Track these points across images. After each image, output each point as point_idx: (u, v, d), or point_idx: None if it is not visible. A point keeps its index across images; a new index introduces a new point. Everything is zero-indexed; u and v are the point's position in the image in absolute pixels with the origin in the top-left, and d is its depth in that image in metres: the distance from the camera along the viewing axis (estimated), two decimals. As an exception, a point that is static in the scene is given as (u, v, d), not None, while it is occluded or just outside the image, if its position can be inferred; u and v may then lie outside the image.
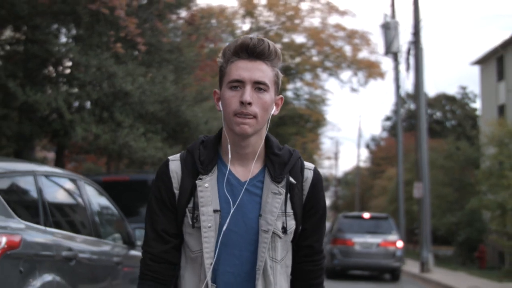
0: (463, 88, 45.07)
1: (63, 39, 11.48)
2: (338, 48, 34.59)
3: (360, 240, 14.31)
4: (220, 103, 1.80)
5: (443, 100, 44.75)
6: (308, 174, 1.85)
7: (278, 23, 34.33)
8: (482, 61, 32.02)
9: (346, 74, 53.33)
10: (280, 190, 1.77)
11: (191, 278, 1.78)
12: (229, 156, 1.78)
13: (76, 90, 10.31)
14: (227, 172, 1.79)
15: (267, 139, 1.83)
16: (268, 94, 1.74)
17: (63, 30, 11.45)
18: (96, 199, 4.59)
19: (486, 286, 12.84)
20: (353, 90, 36.12)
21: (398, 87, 20.00)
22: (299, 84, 36.99)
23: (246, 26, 33.71)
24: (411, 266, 18.38)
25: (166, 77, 10.73)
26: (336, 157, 54.23)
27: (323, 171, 56.13)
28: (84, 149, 11.01)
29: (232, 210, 1.75)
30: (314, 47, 35.05)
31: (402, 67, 22.75)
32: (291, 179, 1.80)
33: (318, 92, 36.60)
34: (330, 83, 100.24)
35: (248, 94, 1.71)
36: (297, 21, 34.24)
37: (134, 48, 10.55)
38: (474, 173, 18.80)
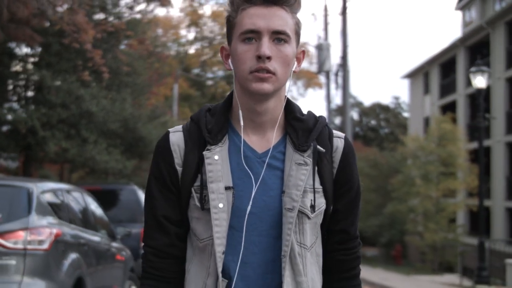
0: (396, 98, 48.54)
1: (29, 61, 13.36)
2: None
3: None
4: (229, 60, 1.53)
5: (377, 109, 48.03)
6: (338, 143, 1.56)
7: (222, 32, 36.38)
8: (411, 75, 35.24)
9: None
10: (306, 160, 1.49)
11: (198, 273, 1.51)
12: (241, 123, 1.51)
13: (47, 110, 12.23)
14: (241, 142, 1.52)
15: (287, 104, 1.55)
16: (289, 46, 1.47)
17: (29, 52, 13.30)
18: (92, 205, 6.74)
19: (394, 277, 15.51)
20: (293, 98, 38.41)
21: (329, 102, 22.62)
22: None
23: (191, 35, 35.79)
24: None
25: (125, 99, 12.82)
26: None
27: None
28: (53, 160, 12.92)
29: (255, 187, 1.48)
30: (256, 57, 37.39)
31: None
32: (318, 147, 1.52)
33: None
34: None
35: (266, 46, 1.43)
36: (240, 31, 36.42)
37: (98, 73, 12.57)
38: (392, 182, 21.65)
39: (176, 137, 1.54)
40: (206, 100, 34.19)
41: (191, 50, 35.76)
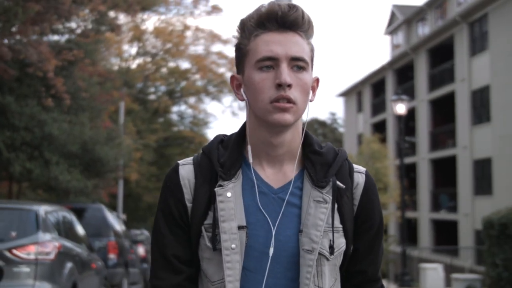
0: (333, 114, 51.06)
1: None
2: (220, 74, 38.73)
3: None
4: (242, 90, 1.45)
5: (315, 124, 50.38)
6: (359, 179, 1.47)
7: (164, 49, 37.39)
8: (346, 94, 37.66)
9: (228, 99, 57.31)
10: (326, 197, 1.40)
11: None
12: (250, 160, 1.43)
13: (11, 133, 13.36)
14: (255, 177, 1.43)
15: (305, 136, 1.47)
16: (307, 73, 1.40)
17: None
18: (75, 222, 8.13)
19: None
20: (234, 114, 39.94)
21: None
22: (183, 107, 40.59)
23: (133, 50, 36.81)
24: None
25: (84, 123, 14.11)
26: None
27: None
28: (17, 180, 14.02)
29: (275, 228, 1.39)
30: (198, 73, 38.74)
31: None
32: (338, 183, 1.42)
33: (201, 116, 40.22)
34: (213, 107, 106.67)
35: (287, 73, 1.36)
36: (182, 48, 37.68)
37: (59, 99, 13.80)
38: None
39: (186, 171, 1.46)
40: (149, 114, 35.24)
41: (133, 65, 36.55)
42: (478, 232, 19.83)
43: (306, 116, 1.44)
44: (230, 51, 55.65)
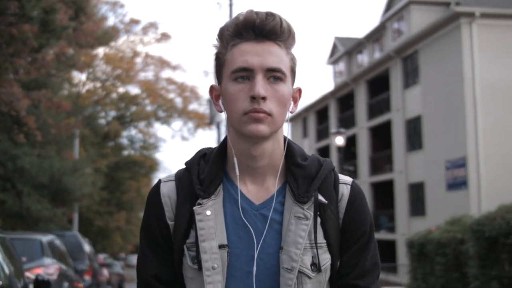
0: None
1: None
2: (170, 100, 40.27)
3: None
4: (220, 101, 1.44)
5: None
6: (344, 190, 1.45)
7: (114, 74, 38.47)
8: (292, 120, 39.49)
9: (177, 124, 58.93)
10: (306, 214, 1.38)
11: None
12: (237, 172, 1.41)
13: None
14: (237, 193, 1.42)
15: (287, 147, 1.45)
16: (285, 84, 1.38)
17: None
18: (62, 247, 9.75)
19: None
20: (184, 138, 41.32)
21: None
22: (133, 131, 41.82)
23: (83, 76, 37.84)
24: None
25: (52, 156, 15.64)
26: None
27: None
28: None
29: (257, 246, 1.38)
30: (148, 98, 40.07)
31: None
32: (320, 197, 1.40)
33: (151, 140, 41.46)
34: (162, 131, 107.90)
35: (261, 85, 1.34)
36: (132, 74, 38.98)
37: (30, 135, 15.25)
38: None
39: (167, 188, 1.45)
40: (99, 139, 36.32)
41: (83, 91, 37.33)
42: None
43: (287, 128, 1.43)
44: (179, 77, 57.42)
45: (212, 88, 1.48)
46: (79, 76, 37.81)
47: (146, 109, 40.72)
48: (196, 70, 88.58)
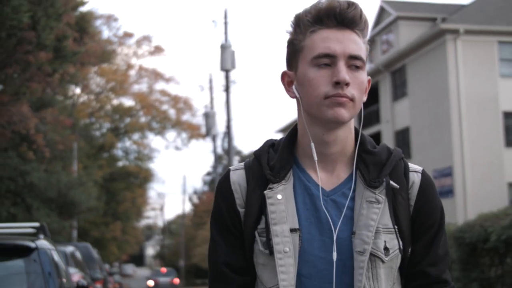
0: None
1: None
2: (163, 111, 41.07)
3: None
4: (293, 87, 1.46)
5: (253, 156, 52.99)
6: (415, 178, 1.47)
7: (108, 87, 39.16)
8: (283, 130, 40.79)
9: (171, 135, 59.73)
10: (378, 198, 1.41)
11: None
12: (315, 157, 1.43)
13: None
14: (308, 179, 1.45)
15: (357, 135, 1.49)
16: (364, 73, 1.44)
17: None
18: (80, 258, 10.66)
19: None
20: (177, 148, 42.12)
21: (216, 159, 27.28)
22: (128, 143, 42.54)
23: (77, 89, 38.47)
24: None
25: (59, 172, 16.54)
26: (161, 209, 60.67)
27: (148, 221, 61.71)
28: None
29: (335, 232, 1.40)
30: (142, 110, 40.85)
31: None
32: (392, 183, 1.43)
33: (146, 151, 42.16)
34: (156, 142, 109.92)
35: (345, 71, 1.38)
36: (126, 86, 39.74)
37: (38, 151, 16.15)
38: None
39: (237, 176, 1.48)
40: (94, 150, 37.03)
41: (78, 103, 37.85)
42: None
43: (362, 115, 1.49)
44: (172, 89, 58.20)
45: (284, 74, 1.51)
46: (73, 88, 38.48)
47: (140, 121, 41.40)
48: (189, 82, 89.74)
